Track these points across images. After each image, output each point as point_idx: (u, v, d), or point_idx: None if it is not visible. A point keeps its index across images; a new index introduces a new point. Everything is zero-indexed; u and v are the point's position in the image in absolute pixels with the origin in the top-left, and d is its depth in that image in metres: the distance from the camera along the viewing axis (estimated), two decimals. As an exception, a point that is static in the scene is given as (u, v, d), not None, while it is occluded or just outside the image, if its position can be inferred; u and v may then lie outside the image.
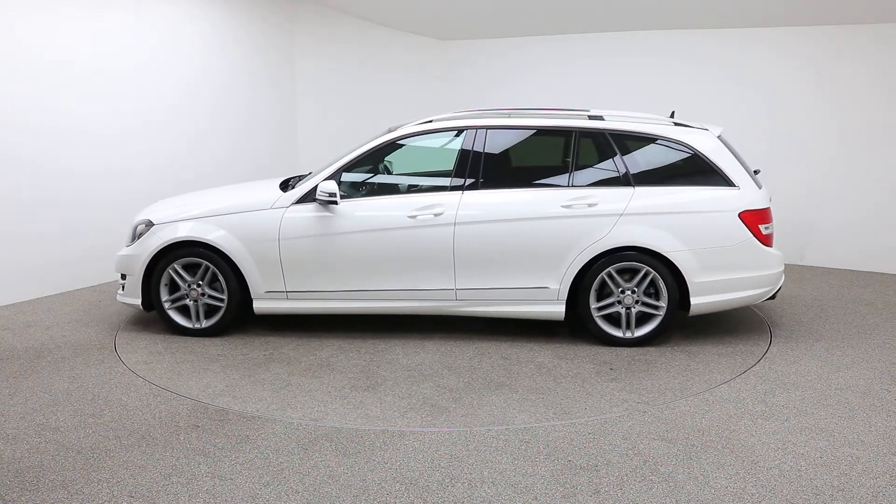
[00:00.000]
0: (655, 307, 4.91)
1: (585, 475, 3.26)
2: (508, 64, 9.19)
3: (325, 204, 4.98)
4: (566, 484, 3.18)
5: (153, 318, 5.61)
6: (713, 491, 3.11)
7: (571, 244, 4.85)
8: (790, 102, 7.72)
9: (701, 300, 4.88)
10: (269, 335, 5.26)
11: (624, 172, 4.94)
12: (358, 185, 5.24)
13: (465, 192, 4.98)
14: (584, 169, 5.02)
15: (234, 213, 5.10)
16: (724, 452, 3.46)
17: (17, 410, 3.96)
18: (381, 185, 5.34)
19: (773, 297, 5.11)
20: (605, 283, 4.91)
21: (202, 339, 5.18)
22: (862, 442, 3.58)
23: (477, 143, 5.07)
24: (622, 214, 4.82)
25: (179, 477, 3.24)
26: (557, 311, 4.96)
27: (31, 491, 3.12)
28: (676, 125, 5.09)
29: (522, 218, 4.89)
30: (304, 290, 5.07)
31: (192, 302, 5.17)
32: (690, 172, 4.95)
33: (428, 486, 3.17)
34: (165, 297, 5.18)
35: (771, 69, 7.76)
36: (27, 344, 5.07)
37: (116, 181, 6.73)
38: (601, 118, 5.17)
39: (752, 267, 4.89)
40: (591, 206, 4.86)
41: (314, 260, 5.01)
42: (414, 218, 4.93)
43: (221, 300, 5.13)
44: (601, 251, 4.83)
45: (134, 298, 5.23)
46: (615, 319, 4.98)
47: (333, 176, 5.06)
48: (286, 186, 5.35)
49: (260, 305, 5.13)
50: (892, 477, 3.23)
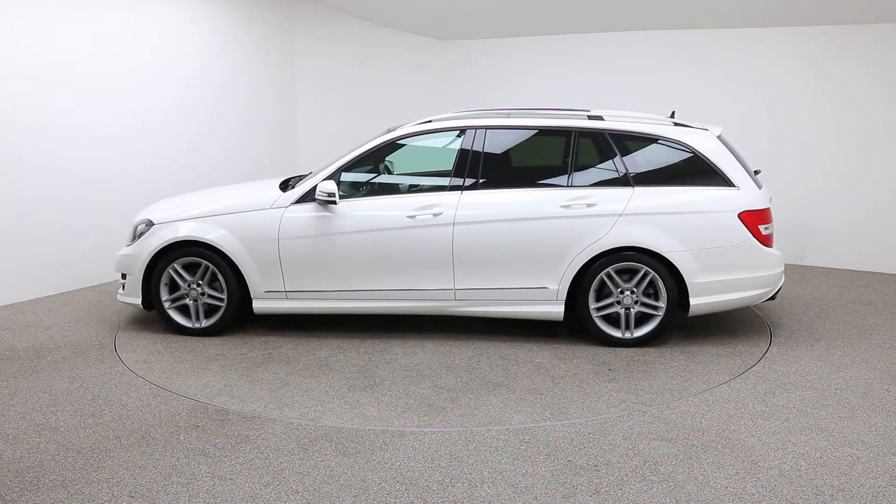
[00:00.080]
0: (654, 307, 4.91)
1: (585, 475, 3.26)
2: (508, 64, 9.19)
3: (324, 204, 4.98)
4: (566, 484, 3.18)
5: (153, 317, 5.61)
6: (713, 491, 3.12)
7: (570, 244, 4.85)
8: (790, 102, 7.72)
9: (700, 301, 4.88)
10: (268, 335, 5.26)
11: (623, 173, 4.94)
12: (357, 184, 5.24)
13: (464, 192, 4.98)
14: (583, 169, 5.01)
15: (233, 212, 5.10)
16: (724, 452, 3.46)
17: (17, 410, 3.96)
18: (380, 184, 5.34)
19: (773, 297, 5.11)
20: (604, 283, 4.91)
21: (202, 338, 5.18)
22: (862, 442, 3.58)
23: (476, 143, 5.07)
24: (621, 215, 4.82)
25: (179, 477, 3.24)
26: (556, 311, 4.96)
27: (31, 491, 3.12)
28: (676, 125, 5.08)
29: (521, 218, 4.89)
30: (303, 289, 5.08)
31: (191, 301, 5.18)
32: (690, 173, 4.94)
33: (428, 486, 3.17)
34: (165, 296, 5.19)
35: (771, 69, 7.76)
36: (27, 344, 5.07)
37: (116, 181, 6.73)
38: (601, 118, 5.17)
39: (751, 267, 4.89)
40: (590, 206, 4.86)
41: (313, 260, 5.01)
42: (413, 218, 4.93)
43: (221, 300, 5.14)
44: (600, 251, 4.83)
45: (134, 298, 5.24)
46: (614, 320, 4.98)
47: (333, 176, 5.06)
48: (286, 186, 5.35)
49: (259, 305, 5.14)
50: (892, 477, 3.23)
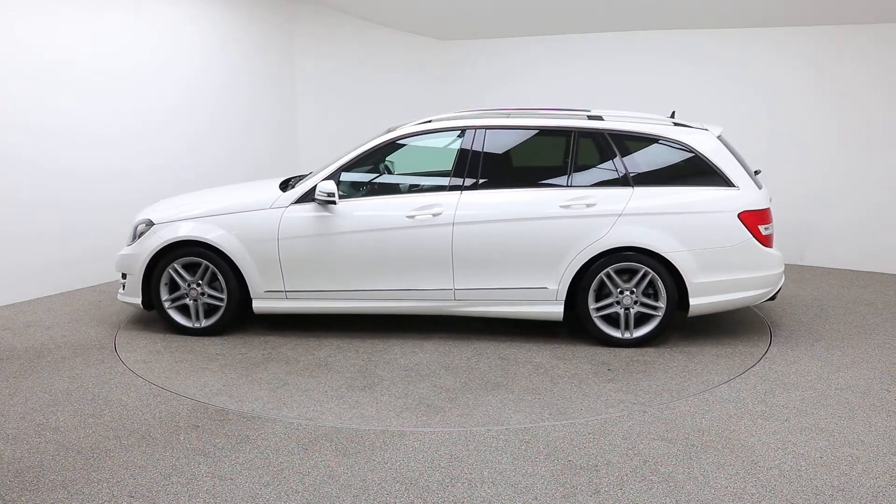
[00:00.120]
0: (654, 308, 4.91)
1: (585, 475, 3.26)
2: (508, 64, 9.19)
3: (323, 204, 4.98)
4: (566, 484, 3.18)
5: (153, 317, 5.61)
6: (713, 491, 3.12)
7: (570, 244, 4.85)
8: (790, 102, 7.72)
9: (700, 301, 4.88)
10: (268, 335, 5.26)
11: (623, 173, 4.94)
12: (357, 184, 5.24)
13: (463, 192, 4.98)
14: (583, 169, 5.01)
15: (233, 212, 5.10)
16: (724, 452, 3.46)
17: (17, 410, 3.96)
18: (380, 184, 5.34)
19: (773, 297, 5.10)
20: (603, 283, 4.91)
21: (202, 338, 5.18)
22: (862, 442, 3.58)
23: (476, 143, 5.07)
24: (621, 215, 4.82)
25: (179, 477, 3.24)
26: (556, 311, 4.96)
27: (31, 491, 3.12)
28: (676, 125, 5.08)
29: (521, 218, 4.88)
30: (302, 289, 5.07)
31: (191, 301, 5.18)
32: (690, 173, 4.94)
33: (428, 486, 3.17)
34: (165, 296, 5.19)
35: (771, 69, 7.76)
36: (27, 344, 5.07)
37: (116, 181, 6.73)
38: (600, 118, 5.16)
39: (751, 268, 4.88)
40: (589, 206, 4.86)
41: (313, 260, 5.01)
42: (412, 218, 4.93)
43: (221, 300, 5.14)
44: (600, 251, 4.82)
45: (134, 297, 5.24)
46: (614, 320, 4.97)
47: (332, 176, 5.06)
48: (286, 186, 5.35)
49: (259, 305, 5.14)
50: (892, 477, 3.23)
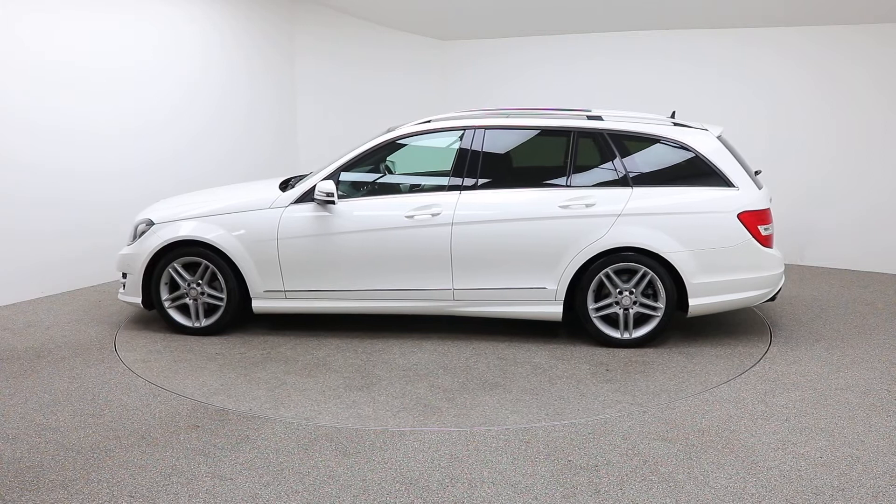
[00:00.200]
0: (653, 308, 4.90)
1: (585, 475, 3.26)
2: (508, 64, 9.19)
3: (322, 204, 4.98)
4: (566, 484, 3.18)
5: (154, 317, 5.61)
6: (713, 491, 3.12)
7: (569, 244, 4.84)
8: (790, 102, 7.72)
9: (699, 301, 4.87)
10: (268, 334, 5.26)
11: (622, 173, 4.93)
12: (356, 184, 5.24)
13: (462, 192, 4.98)
14: (582, 169, 5.01)
15: (233, 212, 5.11)
16: (724, 452, 3.46)
17: (17, 410, 3.96)
18: (379, 184, 5.34)
19: (773, 298, 5.09)
20: (603, 283, 4.91)
21: (201, 337, 5.18)
22: (862, 442, 3.58)
23: (475, 143, 5.06)
24: (620, 215, 4.81)
25: (179, 477, 3.24)
26: (555, 311, 4.96)
27: (31, 491, 3.12)
28: (676, 125, 5.08)
29: (520, 218, 4.88)
30: (302, 289, 5.07)
31: (191, 301, 5.18)
32: (689, 173, 4.93)
33: (428, 486, 3.17)
34: (165, 295, 5.19)
35: (771, 69, 7.76)
36: (27, 344, 5.07)
37: (116, 181, 6.73)
38: (600, 118, 5.16)
39: (751, 268, 4.87)
40: (588, 206, 4.85)
41: (312, 259, 5.01)
42: (411, 218, 4.93)
43: (221, 299, 5.14)
44: (599, 252, 4.82)
45: (134, 297, 5.24)
46: (613, 320, 4.97)
47: (332, 176, 5.06)
48: (286, 186, 5.35)
49: (259, 305, 5.14)
50: (892, 477, 3.23)
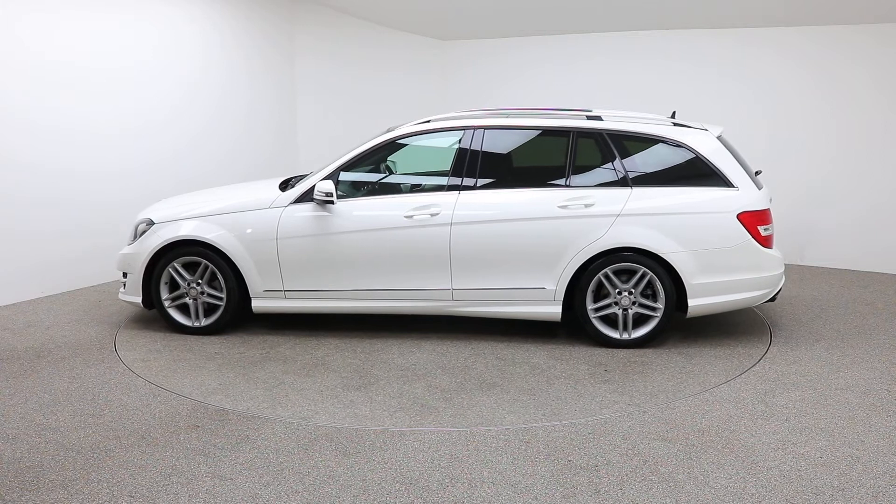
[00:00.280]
0: (653, 309, 4.90)
1: (585, 475, 3.26)
2: (508, 64, 9.19)
3: (322, 203, 4.98)
4: (566, 484, 3.18)
5: (153, 316, 5.61)
6: (713, 491, 3.12)
7: (568, 245, 4.84)
8: (790, 102, 7.72)
9: (698, 302, 4.86)
10: (267, 334, 5.26)
11: (622, 173, 4.93)
12: (356, 184, 5.24)
13: (461, 192, 4.97)
14: (581, 169, 5.00)
15: (233, 212, 5.11)
16: (724, 452, 3.46)
17: (17, 410, 3.96)
18: (378, 184, 5.34)
19: (773, 299, 5.08)
20: (602, 284, 4.90)
21: (201, 337, 5.18)
22: (862, 442, 3.58)
23: (474, 143, 5.06)
24: (619, 215, 4.81)
25: (179, 477, 3.24)
26: (554, 311, 4.96)
27: (31, 491, 3.12)
28: (675, 125, 5.07)
29: (519, 218, 4.88)
30: (301, 289, 5.07)
31: (191, 300, 5.18)
32: (689, 173, 4.93)
33: (428, 486, 3.17)
34: (165, 295, 5.19)
35: (771, 69, 7.75)
36: (27, 344, 5.07)
37: (116, 181, 6.73)
38: (599, 118, 5.16)
39: (750, 269, 4.86)
40: (587, 206, 4.85)
41: (311, 259, 5.01)
42: (410, 218, 4.93)
43: (220, 299, 5.14)
44: (598, 252, 4.81)
45: (135, 296, 5.25)
46: (612, 321, 4.96)
47: (331, 176, 5.06)
48: (286, 186, 5.35)
49: (258, 304, 5.14)
50: (892, 477, 3.23)
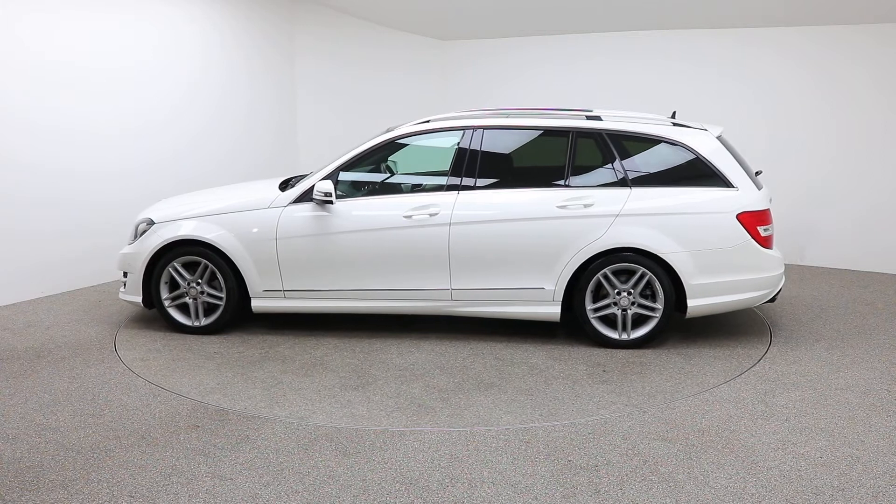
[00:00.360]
0: (652, 309, 4.89)
1: (585, 475, 3.26)
2: (508, 64, 9.19)
3: (321, 203, 4.98)
4: (566, 484, 3.18)
5: (153, 316, 5.61)
6: (713, 491, 3.12)
7: (567, 245, 4.83)
8: (790, 102, 7.72)
9: (698, 302, 4.86)
10: (267, 333, 5.26)
11: (621, 173, 4.93)
12: (355, 184, 5.24)
13: (461, 192, 4.97)
14: (580, 169, 4.99)
15: (232, 212, 5.11)
16: (724, 452, 3.46)
17: (17, 410, 3.96)
18: (378, 184, 5.34)
19: (773, 299, 5.07)
20: (601, 284, 4.90)
21: (201, 336, 5.18)
22: (862, 442, 3.58)
23: (473, 143, 5.06)
24: (618, 215, 4.80)
25: (179, 477, 3.24)
26: (553, 312, 4.95)
27: (31, 491, 3.12)
28: (675, 125, 5.07)
29: (518, 218, 4.88)
30: (300, 289, 5.07)
31: (191, 300, 5.18)
32: (688, 173, 4.92)
33: (428, 486, 3.17)
34: (165, 294, 5.20)
35: (771, 69, 7.75)
36: (27, 344, 5.07)
37: (116, 181, 6.73)
38: (599, 119, 5.16)
39: (750, 269, 4.85)
40: (586, 206, 4.85)
41: (311, 259, 5.01)
42: (409, 218, 4.93)
43: (220, 298, 5.14)
44: (597, 252, 4.80)
45: (135, 296, 5.25)
46: (611, 321, 4.96)
47: (330, 176, 5.06)
48: (286, 186, 5.35)
49: (258, 304, 5.14)
50: (892, 477, 3.23)
